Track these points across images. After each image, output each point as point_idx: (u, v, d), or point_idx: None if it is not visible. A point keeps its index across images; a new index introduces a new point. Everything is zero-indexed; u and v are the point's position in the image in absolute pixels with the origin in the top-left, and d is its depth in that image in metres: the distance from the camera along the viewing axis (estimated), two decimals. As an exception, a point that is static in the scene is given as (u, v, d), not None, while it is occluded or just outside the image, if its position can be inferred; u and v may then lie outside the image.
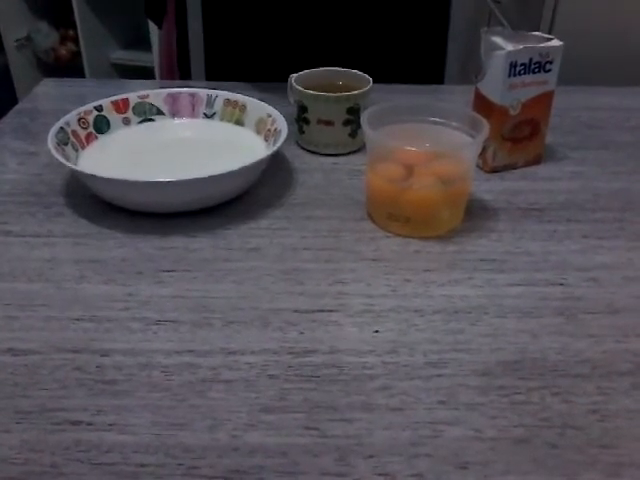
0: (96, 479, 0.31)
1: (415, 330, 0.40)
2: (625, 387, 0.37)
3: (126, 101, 0.61)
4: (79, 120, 0.58)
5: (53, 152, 0.51)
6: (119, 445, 0.33)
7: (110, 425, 0.34)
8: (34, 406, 0.35)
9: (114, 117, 0.60)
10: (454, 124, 0.52)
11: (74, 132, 0.57)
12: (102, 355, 0.38)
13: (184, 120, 0.63)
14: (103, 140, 0.59)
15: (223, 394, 0.36)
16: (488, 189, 0.56)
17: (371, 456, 0.33)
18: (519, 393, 0.36)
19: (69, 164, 0.50)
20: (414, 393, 0.36)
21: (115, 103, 0.61)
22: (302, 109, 0.60)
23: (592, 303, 0.43)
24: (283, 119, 0.56)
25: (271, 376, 0.37)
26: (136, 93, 0.62)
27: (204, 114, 0.62)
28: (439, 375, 0.37)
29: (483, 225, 0.51)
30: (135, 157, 0.57)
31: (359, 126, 0.60)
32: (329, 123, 0.59)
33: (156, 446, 0.33)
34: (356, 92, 0.58)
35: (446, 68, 0.81)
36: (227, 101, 0.62)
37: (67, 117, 0.57)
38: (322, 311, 0.42)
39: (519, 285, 0.45)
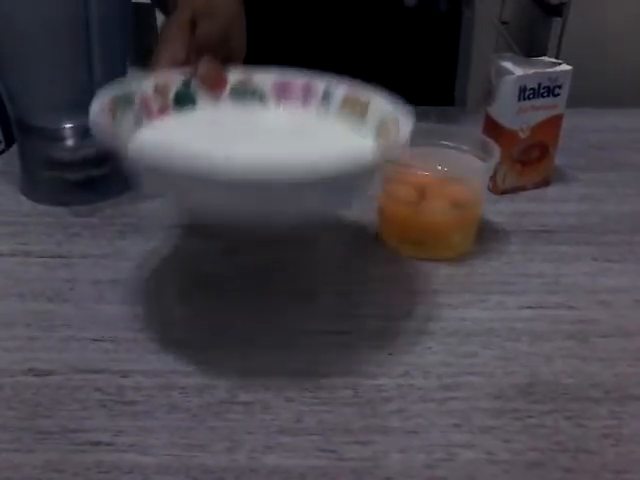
0: (118, 500, 0.32)
1: (429, 353, 0.41)
2: (638, 411, 0.37)
3: (224, 80, 0.49)
4: (157, 88, 0.46)
5: (93, 116, 0.38)
6: (140, 466, 0.34)
7: (130, 446, 0.35)
8: (56, 426, 0.36)
9: (204, 95, 0.48)
10: (465, 147, 0.53)
11: (144, 100, 0.45)
12: (122, 376, 0.39)
13: (289, 112, 0.49)
14: (181, 116, 0.47)
15: (240, 416, 0.37)
16: (498, 211, 0.57)
17: (387, 479, 0.33)
18: (532, 417, 0.37)
19: (109, 135, 0.37)
20: (429, 416, 0.37)
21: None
22: (315, 131, 0.61)
23: (603, 326, 0.44)
24: (409, 125, 0.41)
25: (287, 398, 0.38)
26: (239, 71, 0.50)
27: (317, 108, 0.49)
28: (453, 398, 0.38)
29: (494, 247, 0.52)
30: (209, 140, 0.44)
31: (371, 148, 0.61)
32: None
33: (176, 467, 0.34)
34: (368, 115, 0.59)
35: (455, 91, 0.82)
36: (347, 98, 0.48)
37: (144, 82, 0.45)
38: (336, 333, 0.43)
39: (530, 308, 0.45)
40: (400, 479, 0.33)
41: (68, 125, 0.55)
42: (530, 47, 0.61)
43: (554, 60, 0.59)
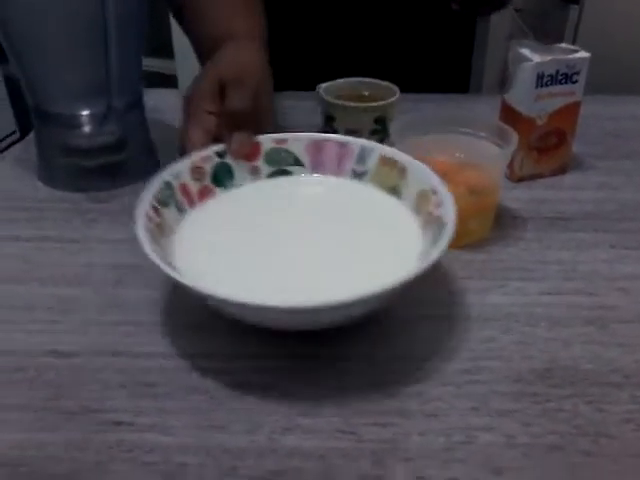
0: (140, 477, 0.32)
1: (448, 337, 0.41)
2: (658, 396, 0.37)
3: (258, 146, 0.49)
4: (194, 170, 0.46)
5: (139, 231, 0.39)
6: (161, 445, 0.34)
7: (151, 426, 0.35)
8: (78, 406, 0.36)
9: (240, 166, 0.49)
10: (482, 134, 0.52)
11: (183, 187, 0.45)
12: (142, 358, 0.39)
13: (325, 178, 0.50)
14: (221, 198, 0.47)
15: (260, 398, 0.37)
16: (515, 198, 0.56)
17: (407, 460, 0.33)
18: (551, 401, 0.37)
19: (152, 256, 0.36)
20: (448, 399, 0.37)
21: None
22: (329, 119, 0.61)
23: (622, 312, 0.43)
24: (452, 203, 0.41)
25: (306, 381, 0.38)
26: (272, 136, 0.50)
27: (353, 171, 0.49)
28: (472, 382, 0.38)
29: (511, 234, 0.52)
30: (254, 229, 0.45)
31: (386, 136, 0.61)
32: (356, 133, 0.60)
33: (196, 447, 0.34)
34: (384, 102, 0.59)
35: (471, 78, 0.81)
36: (383, 159, 0.48)
37: (178, 166, 0.45)
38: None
39: (549, 294, 0.45)
40: (419, 461, 0.33)
41: (85, 112, 0.55)
42: (545, 35, 0.60)
43: (572, 47, 0.59)
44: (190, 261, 0.40)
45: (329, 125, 0.61)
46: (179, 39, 1.77)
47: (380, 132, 0.60)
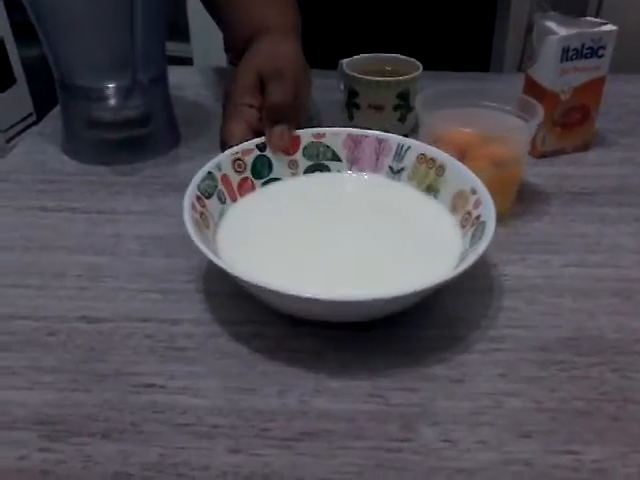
0: (174, 437, 0.33)
1: (471, 307, 0.41)
2: (684, 365, 0.37)
3: (297, 140, 0.50)
4: (235, 162, 0.47)
5: (186, 218, 0.39)
6: (193, 407, 0.35)
7: (183, 389, 0.36)
8: (110, 370, 0.37)
9: (279, 159, 0.49)
10: (507, 108, 0.52)
11: (225, 178, 0.46)
12: (171, 324, 0.40)
13: (362, 175, 0.50)
14: (262, 192, 0.48)
15: (290, 362, 0.37)
16: (537, 173, 0.56)
17: (435, 423, 0.34)
18: (578, 368, 0.37)
19: (202, 247, 0.38)
20: (474, 366, 0.37)
21: None
22: (352, 94, 0.61)
23: (647, 285, 0.43)
24: (491, 203, 0.41)
25: (335, 347, 0.38)
26: (310, 131, 0.50)
27: (390, 168, 0.50)
28: (498, 350, 0.38)
29: (534, 208, 0.52)
30: (294, 225, 0.45)
31: (409, 111, 0.61)
32: (379, 108, 0.60)
33: (228, 409, 0.35)
34: (407, 77, 0.59)
35: (492, 57, 0.81)
36: (421, 157, 0.48)
37: (219, 157, 0.46)
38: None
39: (573, 266, 0.45)
40: (447, 425, 0.34)
41: (111, 85, 0.55)
42: (567, 12, 0.59)
43: (598, 20, 0.58)
44: (233, 252, 0.41)
45: (352, 100, 0.61)
46: (195, 23, 1.77)
47: (403, 107, 0.60)
